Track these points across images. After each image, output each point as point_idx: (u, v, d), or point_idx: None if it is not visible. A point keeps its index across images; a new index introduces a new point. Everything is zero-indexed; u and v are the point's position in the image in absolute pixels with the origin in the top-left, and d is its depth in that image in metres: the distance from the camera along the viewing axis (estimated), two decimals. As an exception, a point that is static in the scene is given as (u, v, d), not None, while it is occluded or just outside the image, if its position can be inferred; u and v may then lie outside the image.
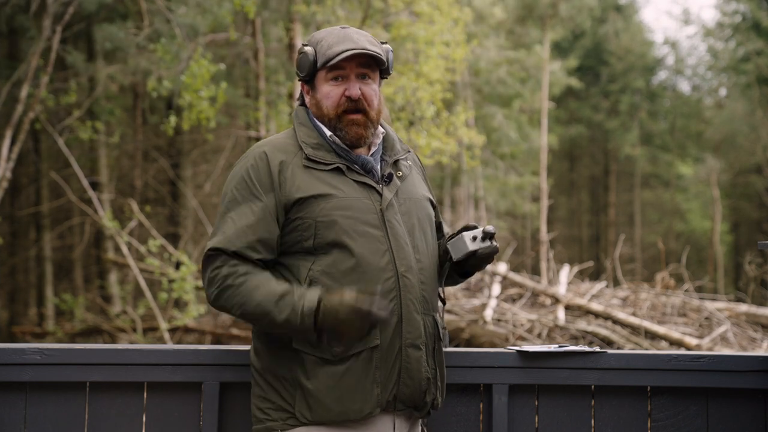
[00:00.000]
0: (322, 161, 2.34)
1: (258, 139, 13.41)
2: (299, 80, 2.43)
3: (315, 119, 2.41)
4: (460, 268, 2.50)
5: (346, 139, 2.36)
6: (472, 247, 2.38)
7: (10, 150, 10.55)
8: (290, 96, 13.29)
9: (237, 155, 16.32)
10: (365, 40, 2.36)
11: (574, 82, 24.14)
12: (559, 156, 29.55)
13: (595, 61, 30.11)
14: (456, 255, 2.40)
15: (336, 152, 2.37)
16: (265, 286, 2.24)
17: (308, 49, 2.37)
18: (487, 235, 2.39)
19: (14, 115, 10.43)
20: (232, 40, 11.55)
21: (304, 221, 2.29)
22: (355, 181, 2.34)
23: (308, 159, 2.33)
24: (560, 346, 2.74)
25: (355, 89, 2.34)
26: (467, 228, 2.47)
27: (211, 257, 2.29)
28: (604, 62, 30.03)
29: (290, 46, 13.25)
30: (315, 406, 2.25)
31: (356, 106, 2.35)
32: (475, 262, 2.44)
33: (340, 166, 2.34)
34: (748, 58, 25.11)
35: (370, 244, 2.29)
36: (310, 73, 2.38)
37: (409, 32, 12.66)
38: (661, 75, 31.45)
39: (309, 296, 2.21)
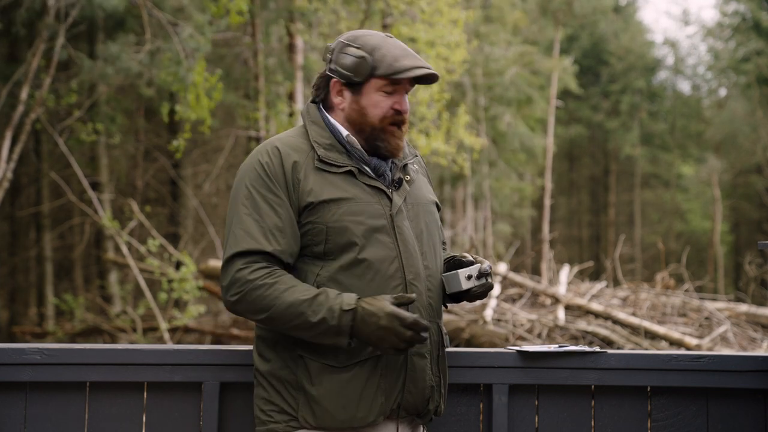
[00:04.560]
0: (334, 163, 2.31)
1: (258, 139, 13.41)
2: (342, 82, 2.36)
3: (329, 118, 2.38)
4: (453, 298, 2.50)
5: (387, 149, 2.34)
6: (465, 286, 2.37)
7: (11, 150, 10.55)
8: (290, 96, 13.29)
9: (237, 155, 16.32)
10: (421, 58, 2.37)
11: (573, 86, 24.14)
12: (559, 156, 29.56)
13: (595, 61, 30.12)
14: (449, 290, 2.40)
15: (348, 154, 2.35)
16: (296, 287, 2.21)
17: (364, 54, 2.31)
18: (483, 274, 2.39)
19: (15, 116, 10.42)
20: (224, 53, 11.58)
21: (315, 226, 2.26)
22: (366, 184, 2.32)
23: (321, 161, 2.31)
24: (560, 346, 2.74)
25: (406, 104, 2.35)
26: (462, 262, 2.45)
27: (235, 259, 2.23)
28: (604, 62, 30.04)
29: (290, 46, 13.26)
30: (319, 412, 2.25)
31: (401, 119, 2.35)
32: (468, 297, 2.44)
33: (352, 169, 2.32)
34: (748, 58, 25.12)
35: (379, 251, 2.28)
36: (366, 78, 2.33)
37: (409, 33, 12.66)
38: (661, 75, 31.47)
39: (346, 297, 2.19)
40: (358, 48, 2.32)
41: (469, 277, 2.36)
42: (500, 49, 20.88)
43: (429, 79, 2.36)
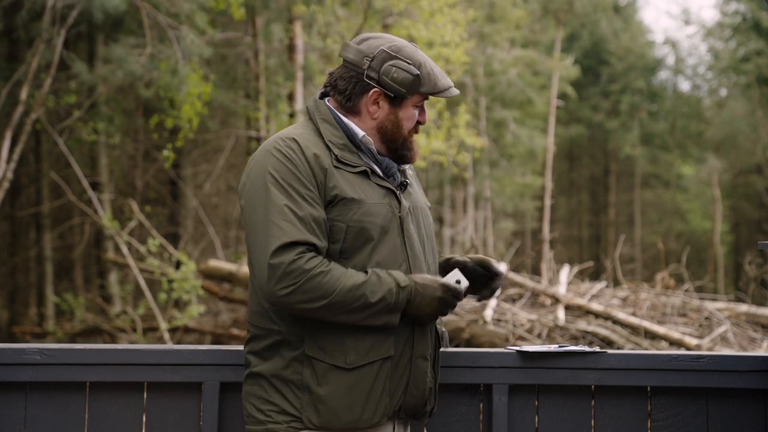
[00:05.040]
0: (349, 163, 2.31)
1: (258, 139, 13.41)
2: (388, 95, 2.35)
3: (341, 117, 2.37)
4: None
5: (409, 157, 2.41)
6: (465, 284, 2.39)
7: (11, 151, 10.54)
8: (290, 96, 13.29)
9: (237, 155, 16.32)
10: None
11: (570, 90, 24.10)
12: (559, 156, 29.54)
13: (595, 61, 30.11)
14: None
15: (359, 154, 2.35)
16: (348, 272, 2.23)
17: (417, 72, 2.33)
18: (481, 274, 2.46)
19: (15, 116, 10.42)
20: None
21: (335, 224, 2.26)
22: (378, 185, 2.33)
23: (338, 160, 2.30)
24: (560, 346, 2.74)
25: (426, 117, 2.43)
26: (448, 267, 2.52)
27: (285, 250, 2.18)
28: (604, 62, 30.03)
29: (291, 46, 13.26)
30: (324, 412, 2.25)
31: (418, 131, 2.44)
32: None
33: (366, 169, 2.33)
34: (748, 58, 25.11)
35: (390, 254, 2.30)
36: (411, 93, 2.36)
37: (409, 34, 12.64)
38: (662, 75, 31.46)
39: (397, 275, 2.27)
40: (409, 64, 2.33)
41: (458, 282, 2.36)
42: (502, 51, 20.88)
43: None
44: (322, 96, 2.44)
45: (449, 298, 2.31)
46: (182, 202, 17.01)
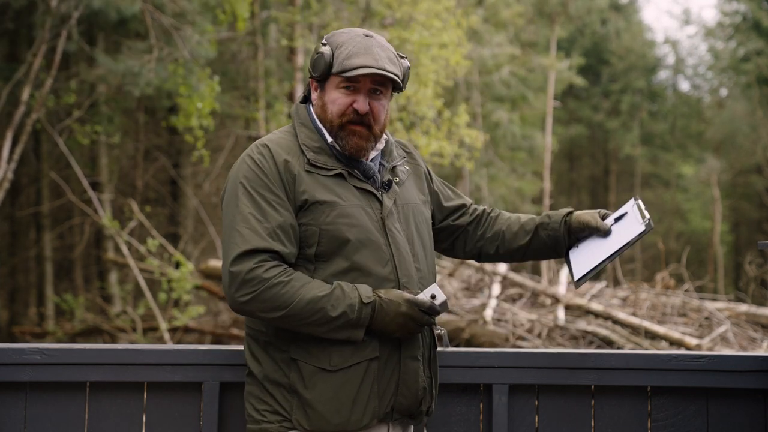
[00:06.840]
0: (324, 166, 2.30)
1: (258, 139, 13.39)
2: (311, 78, 2.38)
3: (317, 120, 2.37)
4: None
5: (345, 148, 2.32)
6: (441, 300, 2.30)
7: (12, 151, 10.53)
8: (289, 96, 13.28)
9: (237, 155, 16.30)
10: (386, 56, 2.30)
11: (579, 81, 24.06)
12: (559, 156, 29.53)
13: (595, 60, 30.10)
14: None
15: (337, 157, 2.34)
16: (311, 284, 2.21)
17: (326, 50, 2.30)
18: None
19: (15, 116, 10.41)
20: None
21: (308, 228, 2.26)
22: (356, 187, 2.31)
23: (311, 164, 2.30)
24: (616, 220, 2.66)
25: (364, 104, 2.30)
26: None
27: (245, 258, 2.19)
28: (604, 62, 30.02)
29: (290, 48, 13.25)
30: (313, 416, 2.24)
31: (361, 120, 2.31)
32: None
33: (342, 171, 2.31)
34: (748, 58, 25.10)
35: (372, 254, 2.28)
36: (323, 75, 2.32)
37: (406, 38, 12.62)
38: (662, 75, 31.45)
39: (362, 289, 2.22)
40: (324, 44, 2.33)
41: (434, 297, 2.30)
42: (493, 48, 20.87)
43: (392, 81, 2.32)
44: (305, 99, 2.45)
45: (416, 314, 2.24)
46: (182, 202, 17.00)
